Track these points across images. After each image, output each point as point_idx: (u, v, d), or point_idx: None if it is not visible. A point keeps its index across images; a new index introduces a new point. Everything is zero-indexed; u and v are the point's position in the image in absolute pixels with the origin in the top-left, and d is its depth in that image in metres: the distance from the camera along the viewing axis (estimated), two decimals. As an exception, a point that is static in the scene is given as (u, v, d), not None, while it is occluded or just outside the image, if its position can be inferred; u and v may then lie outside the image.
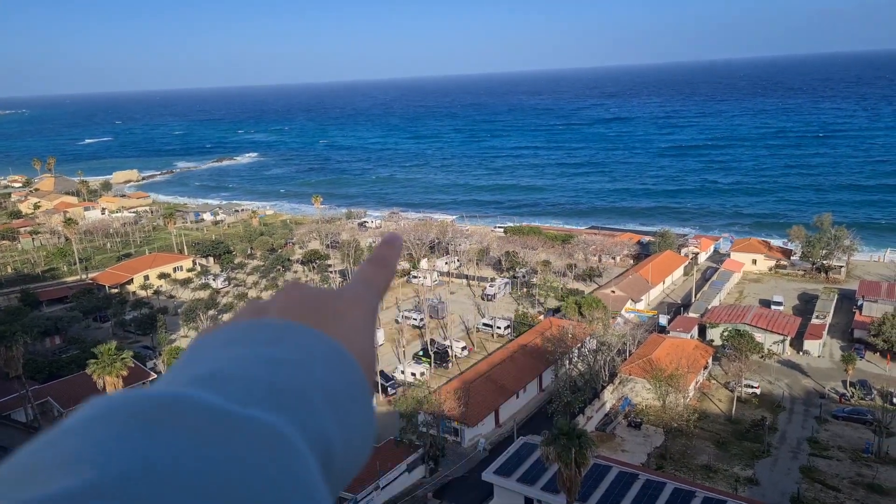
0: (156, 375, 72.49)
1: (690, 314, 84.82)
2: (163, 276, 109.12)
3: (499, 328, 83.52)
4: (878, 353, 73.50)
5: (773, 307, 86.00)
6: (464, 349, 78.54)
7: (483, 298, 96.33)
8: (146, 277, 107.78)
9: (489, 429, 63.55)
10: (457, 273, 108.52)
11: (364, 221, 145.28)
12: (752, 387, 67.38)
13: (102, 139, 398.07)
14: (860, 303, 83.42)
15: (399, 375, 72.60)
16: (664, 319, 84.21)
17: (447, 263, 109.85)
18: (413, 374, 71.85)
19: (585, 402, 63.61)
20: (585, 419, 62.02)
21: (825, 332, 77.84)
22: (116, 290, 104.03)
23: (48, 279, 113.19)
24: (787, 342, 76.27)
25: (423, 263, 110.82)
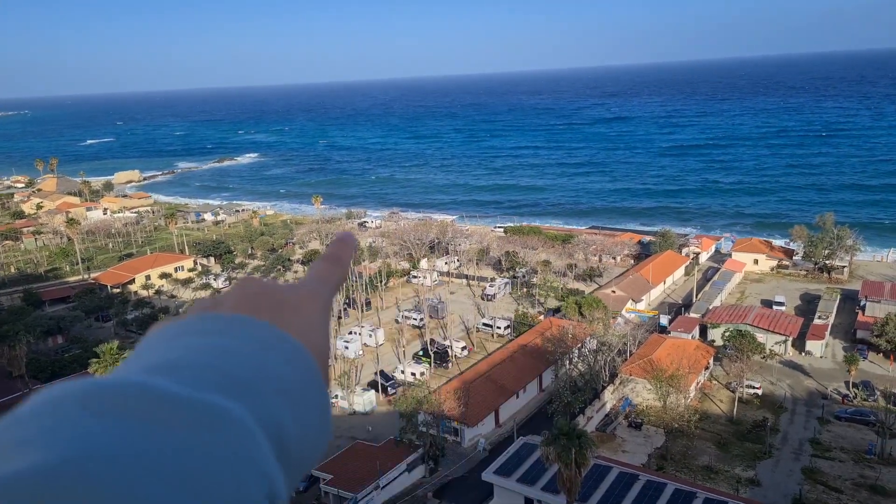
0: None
1: (691, 314, 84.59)
2: (164, 276, 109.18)
3: (499, 328, 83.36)
4: (881, 354, 73.21)
5: (775, 307, 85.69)
6: (464, 349, 78.41)
7: (483, 298, 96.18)
8: (148, 277, 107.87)
9: (489, 429, 63.41)
10: (457, 273, 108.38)
11: (364, 221, 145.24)
12: (754, 387, 67.14)
13: (104, 140, 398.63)
14: (863, 303, 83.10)
15: (399, 375, 72.49)
16: (665, 320, 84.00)
17: (447, 263, 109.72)
18: (413, 374, 71.73)
19: (586, 403, 63.44)
20: (586, 419, 61.85)
21: (827, 333, 77.53)
22: (118, 290, 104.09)
23: (51, 279, 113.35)
24: (789, 343, 76.00)
25: (423, 263, 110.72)
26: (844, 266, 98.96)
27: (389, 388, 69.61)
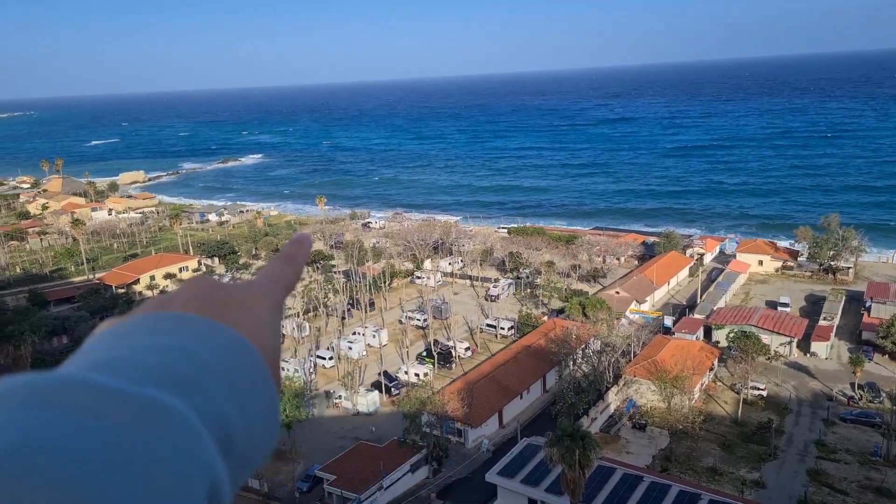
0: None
1: (696, 315, 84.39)
2: (168, 277, 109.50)
3: (502, 329, 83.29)
4: (887, 356, 72.85)
5: (780, 308, 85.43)
6: (467, 350, 78.39)
7: (486, 299, 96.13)
8: (152, 278, 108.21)
9: (493, 430, 63.35)
10: (460, 274, 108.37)
11: (368, 222, 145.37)
12: (759, 389, 66.90)
13: (109, 141, 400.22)
14: (868, 304, 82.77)
15: (402, 376, 72.49)
16: (669, 321, 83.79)
17: (451, 264, 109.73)
18: (416, 375, 71.73)
19: (590, 404, 63.32)
20: (590, 421, 61.71)
21: (833, 334, 77.23)
22: (123, 290, 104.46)
23: (56, 279, 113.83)
24: (794, 344, 75.72)
25: (427, 264, 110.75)
26: (850, 267, 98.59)
27: (393, 389, 69.62)
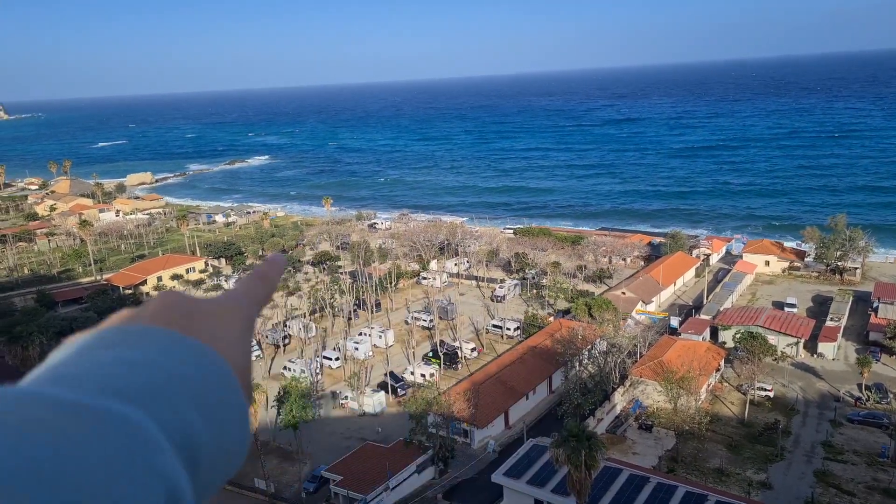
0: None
1: (702, 316, 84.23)
2: (175, 277, 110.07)
3: (508, 329, 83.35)
4: (894, 356, 72.60)
5: (787, 309, 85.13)
6: (473, 350, 78.48)
7: (492, 300, 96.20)
8: (159, 278, 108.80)
9: (499, 430, 63.42)
10: (466, 274, 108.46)
11: (374, 223, 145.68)
12: (766, 389, 66.73)
13: (116, 142, 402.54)
14: (876, 305, 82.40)
15: (409, 376, 72.66)
16: (675, 321, 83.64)
17: (457, 265, 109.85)
18: (423, 376, 71.86)
19: (596, 405, 63.32)
20: (596, 421, 61.74)
21: (840, 335, 76.93)
22: (130, 291, 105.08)
23: (64, 280, 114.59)
24: (801, 345, 75.48)
25: (433, 265, 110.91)
26: (857, 267, 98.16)
27: (399, 390, 69.80)
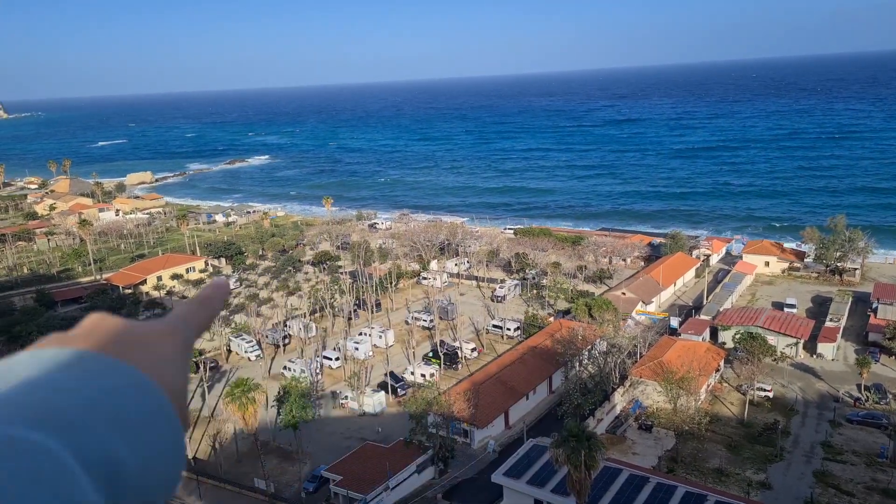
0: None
1: (702, 316, 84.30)
2: (175, 277, 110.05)
3: (508, 330, 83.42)
4: (894, 357, 72.70)
5: (787, 310, 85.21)
6: (473, 350, 78.53)
7: (493, 300, 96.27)
8: (159, 278, 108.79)
9: (499, 430, 63.47)
10: (466, 275, 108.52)
11: (374, 223, 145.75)
12: (765, 390, 66.80)
13: (116, 141, 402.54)
14: (875, 305, 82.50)
15: (409, 377, 72.71)
16: (675, 322, 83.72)
17: (457, 265, 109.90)
18: (423, 376, 71.89)
19: (596, 405, 63.38)
20: (596, 421, 61.80)
21: (839, 335, 77.01)
22: (130, 291, 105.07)
23: (63, 279, 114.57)
24: (801, 345, 75.56)
25: (433, 265, 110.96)
26: (856, 268, 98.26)
27: (399, 390, 69.85)
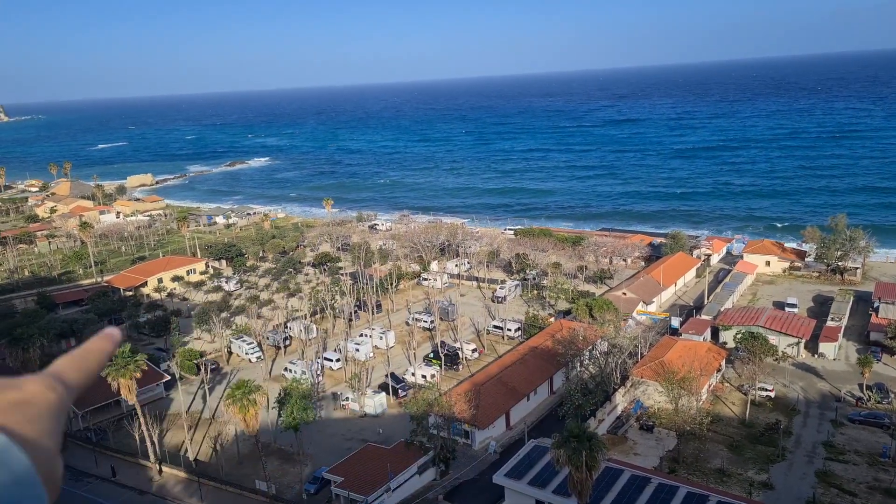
0: (169, 377, 73.10)
1: (703, 316, 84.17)
2: (176, 279, 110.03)
3: (509, 330, 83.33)
4: (895, 356, 72.51)
5: (788, 309, 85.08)
6: (474, 351, 78.44)
7: (493, 301, 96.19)
8: (160, 280, 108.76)
9: (500, 431, 63.38)
10: (467, 275, 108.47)
11: (375, 224, 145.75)
12: (767, 390, 66.69)
13: (117, 144, 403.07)
14: (876, 305, 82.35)
15: (410, 378, 72.63)
16: (676, 322, 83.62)
17: (457, 266, 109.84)
18: (423, 377, 71.83)
19: (597, 405, 63.26)
20: (597, 422, 61.69)
21: (840, 335, 76.87)
22: (131, 293, 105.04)
23: (64, 282, 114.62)
24: (802, 345, 75.43)
25: (434, 266, 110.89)
26: (857, 267, 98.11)
27: (400, 391, 69.78)
